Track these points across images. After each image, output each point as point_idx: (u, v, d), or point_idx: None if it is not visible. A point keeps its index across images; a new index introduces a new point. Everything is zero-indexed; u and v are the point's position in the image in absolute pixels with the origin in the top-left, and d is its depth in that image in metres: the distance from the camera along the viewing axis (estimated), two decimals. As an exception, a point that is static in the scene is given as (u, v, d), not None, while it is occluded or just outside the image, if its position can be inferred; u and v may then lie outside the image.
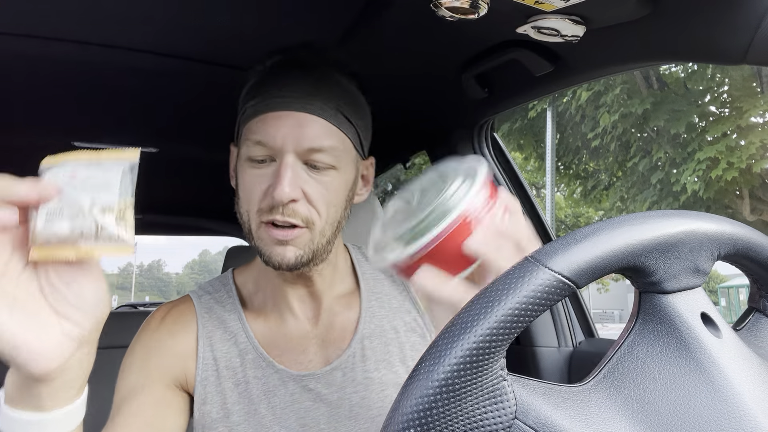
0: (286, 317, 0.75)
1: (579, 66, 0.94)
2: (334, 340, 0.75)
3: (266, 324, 0.75)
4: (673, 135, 8.17)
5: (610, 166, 9.72)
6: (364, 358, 0.74)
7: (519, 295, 0.34)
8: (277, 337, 0.74)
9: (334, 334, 0.75)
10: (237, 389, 0.70)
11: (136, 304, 4.56)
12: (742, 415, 0.36)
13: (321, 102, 0.67)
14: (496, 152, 1.39)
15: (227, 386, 0.70)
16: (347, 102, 0.70)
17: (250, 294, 0.78)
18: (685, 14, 0.72)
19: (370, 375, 0.73)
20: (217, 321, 0.74)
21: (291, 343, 0.74)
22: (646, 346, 0.39)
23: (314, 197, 0.66)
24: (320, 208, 0.67)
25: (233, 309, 0.75)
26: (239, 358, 0.72)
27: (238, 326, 0.74)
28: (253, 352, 0.72)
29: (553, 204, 9.54)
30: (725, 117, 7.98)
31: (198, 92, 1.23)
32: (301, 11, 0.89)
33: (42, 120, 1.37)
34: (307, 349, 0.74)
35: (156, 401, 0.68)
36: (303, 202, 0.66)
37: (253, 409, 0.69)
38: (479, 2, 0.71)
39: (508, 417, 0.34)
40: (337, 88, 0.70)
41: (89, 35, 0.96)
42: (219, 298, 0.77)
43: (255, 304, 0.77)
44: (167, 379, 0.70)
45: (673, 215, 0.40)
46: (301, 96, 0.66)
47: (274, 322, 0.75)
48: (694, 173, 7.95)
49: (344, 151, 0.69)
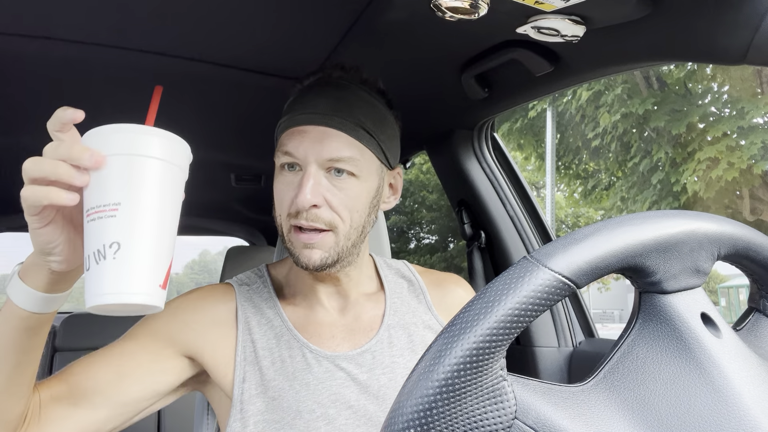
0: (315, 308, 0.82)
1: (579, 66, 0.94)
2: (361, 329, 0.82)
3: (298, 312, 0.82)
4: (674, 135, 8.17)
5: (611, 166, 9.72)
6: (390, 344, 0.81)
7: (519, 295, 0.34)
8: (309, 322, 0.81)
9: (362, 324, 0.83)
10: (273, 367, 0.76)
11: (136, 304, 4.54)
12: (742, 415, 0.35)
13: (341, 117, 0.75)
14: (496, 152, 1.39)
15: (264, 364, 0.76)
16: (369, 117, 0.77)
17: (283, 286, 0.85)
18: (685, 14, 0.72)
19: (396, 360, 0.80)
20: (255, 308, 0.81)
21: (321, 328, 0.81)
22: (646, 346, 0.39)
23: (335, 203, 0.73)
24: (342, 214, 0.74)
25: (269, 297, 0.83)
26: (275, 339, 0.79)
27: (273, 313, 0.81)
28: (288, 334, 0.79)
29: (553, 204, 9.54)
30: (725, 117, 7.98)
31: (198, 93, 1.23)
32: (302, 11, 0.89)
33: (42, 120, 1.36)
34: (336, 335, 0.81)
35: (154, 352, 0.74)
36: (326, 207, 0.73)
37: (288, 384, 0.75)
38: (479, 2, 0.71)
39: (508, 417, 0.34)
40: (360, 103, 0.77)
41: (90, 35, 0.96)
42: (256, 288, 0.84)
43: (288, 295, 0.84)
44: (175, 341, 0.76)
45: (673, 215, 0.40)
46: (323, 112, 0.75)
47: (305, 311, 0.82)
48: (694, 173, 7.95)
49: (364, 161, 0.76)
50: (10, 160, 1.71)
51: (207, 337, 0.77)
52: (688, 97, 8.20)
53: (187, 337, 0.76)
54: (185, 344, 0.76)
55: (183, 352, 0.76)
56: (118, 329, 1.88)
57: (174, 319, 0.77)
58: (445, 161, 1.43)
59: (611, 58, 0.89)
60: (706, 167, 7.80)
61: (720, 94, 8.19)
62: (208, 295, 0.82)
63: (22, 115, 1.33)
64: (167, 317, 0.77)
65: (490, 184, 1.37)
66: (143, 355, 0.74)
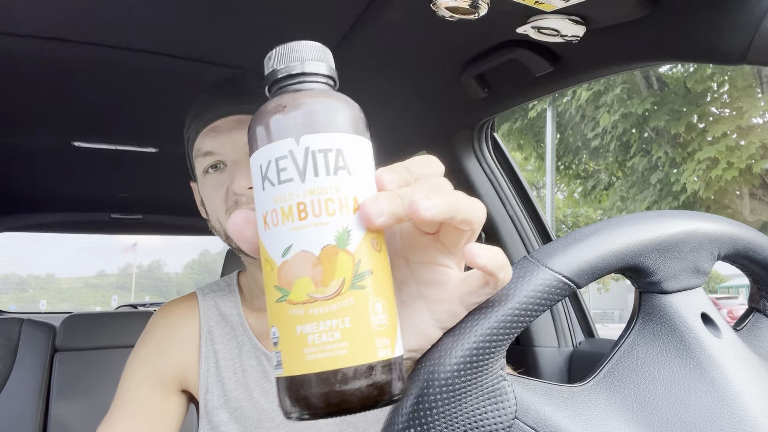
0: None
1: (579, 66, 0.94)
2: None
3: (261, 318, 0.81)
4: (673, 135, 8.17)
5: (610, 166, 9.72)
6: None
7: (519, 295, 0.34)
8: None
9: None
10: (235, 377, 0.76)
11: (136, 304, 4.56)
12: (742, 415, 0.36)
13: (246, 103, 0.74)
14: (496, 152, 1.39)
15: (226, 375, 0.76)
16: None
17: (251, 293, 0.84)
18: (685, 14, 0.72)
19: None
20: (219, 316, 0.80)
21: None
22: (646, 346, 0.39)
23: None
24: None
25: (234, 305, 0.82)
26: (237, 349, 0.78)
27: (237, 320, 0.80)
28: (249, 343, 0.78)
29: (553, 204, 9.53)
30: (725, 117, 7.98)
31: (198, 92, 1.23)
32: (302, 11, 0.89)
33: (42, 120, 1.37)
34: None
35: (154, 403, 0.74)
36: None
37: (248, 394, 0.75)
38: (479, 2, 0.71)
39: (508, 417, 0.34)
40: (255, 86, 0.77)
41: (90, 35, 0.96)
42: (222, 295, 0.84)
43: (254, 303, 0.83)
44: (168, 381, 0.76)
45: (673, 215, 0.40)
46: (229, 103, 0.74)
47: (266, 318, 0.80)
48: (694, 173, 7.95)
49: None
50: (10, 160, 1.71)
51: (182, 355, 0.77)
52: (687, 97, 8.20)
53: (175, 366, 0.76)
54: (174, 375, 0.76)
55: (177, 387, 0.76)
56: (118, 330, 1.87)
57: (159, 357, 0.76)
58: (445, 161, 1.42)
59: (611, 58, 0.89)
60: (706, 167, 7.80)
61: (720, 94, 8.19)
62: (169, 312, 0.81)
63: (21, 115, 1.33)
64: (152, 358, 0.76)
65: (490, 184, 1.36)
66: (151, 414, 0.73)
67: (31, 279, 62.84)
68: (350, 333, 0.28)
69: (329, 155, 0.30)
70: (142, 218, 2.59)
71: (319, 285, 0.28)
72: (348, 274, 0.29)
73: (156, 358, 0.76)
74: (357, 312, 0.28)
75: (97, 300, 56.42)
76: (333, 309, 0.28)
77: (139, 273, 68.38)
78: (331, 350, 0.28)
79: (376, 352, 0.28)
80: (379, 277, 0.30)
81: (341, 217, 0.29)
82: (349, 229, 0.29)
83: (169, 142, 1.58)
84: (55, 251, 72.83)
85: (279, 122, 0.30)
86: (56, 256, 69.83)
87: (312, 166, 0.29)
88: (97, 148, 1.57)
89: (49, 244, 73.80)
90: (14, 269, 58.80)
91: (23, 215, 2.44)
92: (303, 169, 0.29)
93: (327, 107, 0.31)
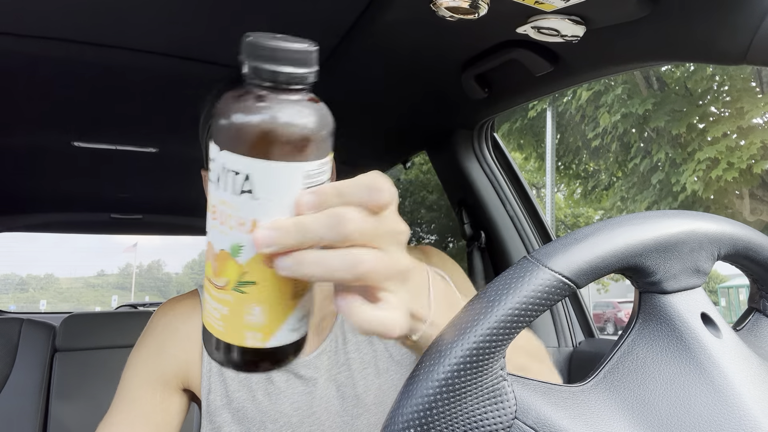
0: None
1: (579, 66, 0.94)
2: (316, 331, 0.82)
3: None
4: (674, 135, 8.17)
5: (610, 166, 9.72)
6: (345, 341, 0.81)
7: (519, 295, 0.34)
8: None
9: (321, 323, 0.82)
10: (237, 378, 0.76)
11: (136, 304, 4.56)
12: (742, 415, 0.35)
13: None
14: (496, 152, 1.39)
15: (229, 375, 0.76)
16: None
17: None
18: (685, 15, 0.72)
19: (351, 355, 0.80)
20: None
21: None
22: (646, 346, 0.39)
23: None
24: None
25: None
26: None
27: None
28: None
29: (553, 204, 9.53)
30: (725, 117, 7.98)
31: (198, 92, 1.23)
32: (302, 12, 0.89)
33: (42, 120, 1.37)
34: None
35: (155, 402, 0.73)
36: None
37: (251, 396, 0.76)
38: (479, 2, 0.71)
39: (508, 417, 0.34)
40: None
41: (89, 35, 0.96)
42: None
43: None
44: (170, 380, 0.75)
45: (673, 215, 0.40)
46: None
47: None
48: (694, 173, 7.95)
49: None
50: (11, 160, 1.71)
51: (184, 354, 0.76)
52: (687, 97, 8.20)
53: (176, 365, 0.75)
54: (175, 374, 0.75)
55: (179, 386, 0.76)
56: (118, 330, 1.86)
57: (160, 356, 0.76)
58: (445, 161, 1.43)
59: (611, 58, 0.89)
60: (706, 167, 7.80)
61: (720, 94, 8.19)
62: (170, 310, 0.80)
63: (22, 115, 1.33)
64: (153, 358, 0.76)
65: (490, 184, 1.37)
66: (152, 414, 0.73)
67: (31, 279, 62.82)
68: (226, 319, 0.34)
69: (237, 177, 0.31)
70: (142, 218, 2.59)
71: (215, 274, 0.34)
72: (233, 279, 0.33)
73: (157, 357, 0.76)
74: (234, 308, 0.33)
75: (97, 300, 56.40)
76: (219, 296, 0.34)
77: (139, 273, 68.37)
78: (214, 322, 0.34)
79: (244, 340, 0.34)
80: (265, 288, 0.33)
81: (237, 233, 0.32)
82: (242, 245, 0.32)
83: (169, 142, 1.58)
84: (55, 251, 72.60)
85: (220, 124, 0.32)
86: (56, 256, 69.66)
87: (223, 180, 0.32)
88: (97, 148, 1.57)
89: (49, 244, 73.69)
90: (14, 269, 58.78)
91: (23, 215, 2.44)
92: (217, 179, 0.32)
93: (256, 128, 0.31)
